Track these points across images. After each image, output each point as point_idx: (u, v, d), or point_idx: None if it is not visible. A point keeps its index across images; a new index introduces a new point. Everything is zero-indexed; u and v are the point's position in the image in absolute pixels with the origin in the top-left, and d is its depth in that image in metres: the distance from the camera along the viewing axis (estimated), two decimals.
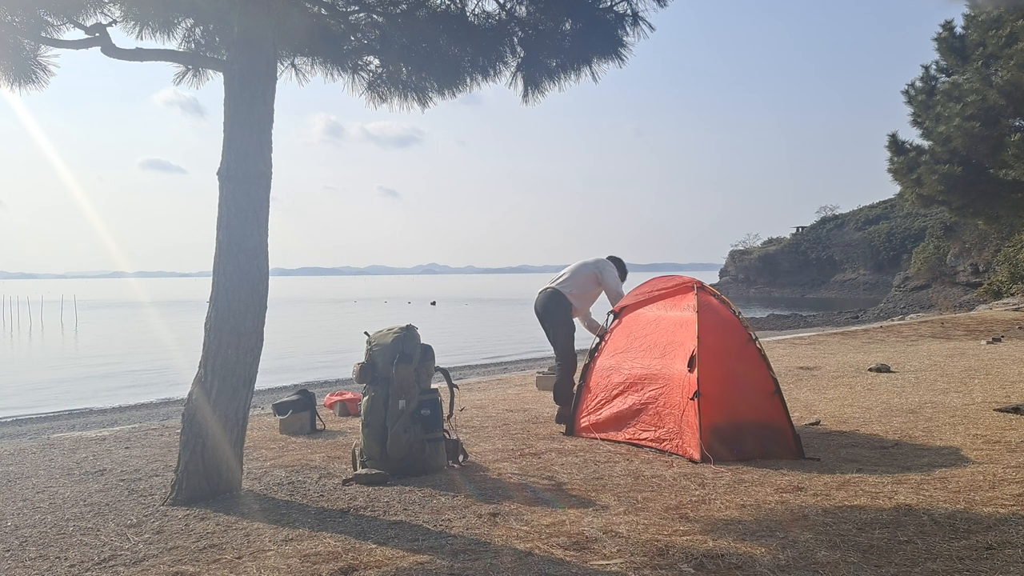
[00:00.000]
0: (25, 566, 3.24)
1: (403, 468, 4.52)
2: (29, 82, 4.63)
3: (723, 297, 5.38)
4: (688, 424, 4.74)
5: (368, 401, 4.67)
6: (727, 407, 4.77)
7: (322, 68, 5.21)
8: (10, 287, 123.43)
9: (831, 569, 2.85)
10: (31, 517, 3.95)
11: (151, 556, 3.28)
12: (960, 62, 15.12)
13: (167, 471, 4.77)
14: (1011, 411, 5.81)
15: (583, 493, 4.02)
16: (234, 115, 4.16)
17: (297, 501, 4.08)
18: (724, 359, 4.91)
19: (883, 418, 5.85)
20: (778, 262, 73.23)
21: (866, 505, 3.64)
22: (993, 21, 13.99)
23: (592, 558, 3.04)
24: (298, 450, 5.42)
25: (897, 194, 20.91)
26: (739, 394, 4.86)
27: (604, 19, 4.77)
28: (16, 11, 4.33)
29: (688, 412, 4.75)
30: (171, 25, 4.83)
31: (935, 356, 9.83)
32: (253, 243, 4.18)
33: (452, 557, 3.10)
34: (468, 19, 4.94)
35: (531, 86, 5.05)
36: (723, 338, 5.00)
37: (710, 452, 4.56)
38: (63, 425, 10.99)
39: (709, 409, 4.67)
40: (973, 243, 38.31)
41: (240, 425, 4.24)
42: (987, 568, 2.82)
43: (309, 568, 3.04)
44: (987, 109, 13.76)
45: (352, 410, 6.89)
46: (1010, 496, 3.70)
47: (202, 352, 4.18)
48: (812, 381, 8.03)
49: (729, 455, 4.59)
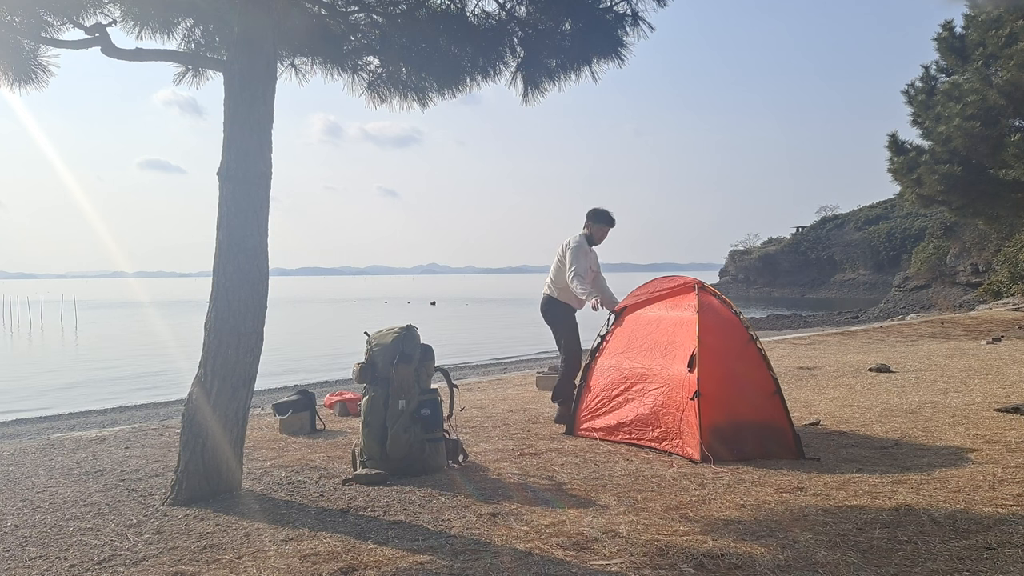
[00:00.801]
0: (25, 566, 3.24)
1: (403, 468, 4.52)
2: (29, 82, 4.63)
3: (724, 297, 5.38)
4: (688, 424, 4.74)
5: (368, 401, 4.67)
6: (727, 407, 4.77)
7: (322, 68, 5.21)
8: (10, 287, 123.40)
9: (831, 569, 2.85)
10: (31, 517, 3.95)
11: (151, 556, 3.28)
12: (960, 62, 15.12)
13: (167, 471, 4.77)
14: (1011, 411, 5.81)
15: (583, 493, 4.02)
16: (234, 115, 4.16)
17: (297, 501, 4.08)
18: (724, 359, 4.91)
19: (883, 418, 5.85)
20: (778, 262, 73.24)
21: (866, 505, 3.64)
22: (993, 21, 13.99)
23: (592, 558, 3.04)
24: (298, 450, 5.42)
25: (897, 194, 20.91)
26: (739, 394, 4.86)
27: (604, 19, 4.77)
28: (16, 11, 4.33)
29: (688, 412, 4.75)
30: (171, 25, 4.83)
31: (935, 356, 9.83)
32: (253, 243, 4.18)
33: (452, 557, 3.10)
34: (468, 19, 4.94)
35: (531, 86, 5.05)
36: (723, 338, 5.00)
37: (710, 452, 4.56)
38: (63, 425, 10.99)
39: (709, 409, 4.67)
40: (973, 243, 38.31)
41: (240, 425, 4.24)
42: (987, 568, 2.82)
43: (309, 568, 3.04)
44: (987, 109, 13.76)
45: (352, 410, 6.89)
46: (1010, 496, 3.70)
47: (202, 352, 4.18)
48: (812, 381, 8.03)
49: (729, 455, 4.59)
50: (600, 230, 6.24)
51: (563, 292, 6.07)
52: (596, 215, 6.20)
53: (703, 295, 5.27)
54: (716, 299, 5.31)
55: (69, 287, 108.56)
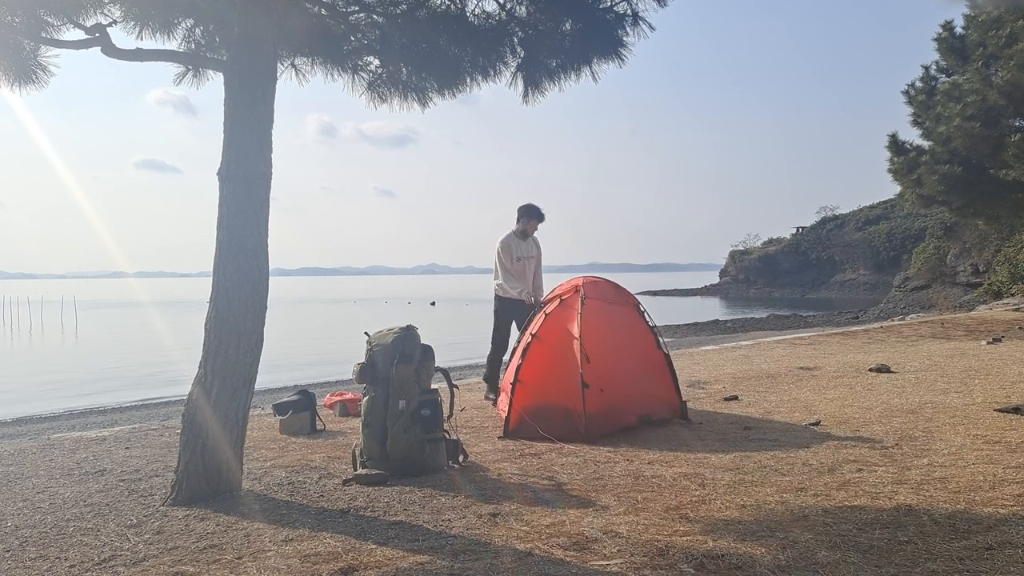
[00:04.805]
0: (25, 566, 3.24)
1: (403, 468, 4.52)
2: (29, 82, 4.63)
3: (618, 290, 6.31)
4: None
5: (368, 401, 4.67)
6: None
7: (322, 68, 5.21)
8: (10, 287, 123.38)
9: (831, 569, 2.85)
10: (31, 517, 3.95)
11: (151, 556, 3.28)
12: (960, 62, 15.12)
13: (167, 471, 4.77)
14: (1011, 411, 5.80)
15: (583, 493, 4.02)
16: (234, 115, 4.16)
17: (297, 501, 4.08)
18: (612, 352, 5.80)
19: (883, 418, 5.85)
20: (778, 262, 73.27)
21: (866, 505, 3.64)
22: (993, 21, 14.00)
23: (592, 558, 3.04)
24: (298, 450, 5.42)
25: (897, 194, 20.92)
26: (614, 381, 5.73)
27: (604, 19, 4.77)
28: (16, 11, 4.33)
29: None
30: (171, 25, 4.83)
31: (935, 356, 9.83)
32: (253, 243, 4.18)
33: (452, 557, 3.10)
34: (468, 19, 4.94)
35: (531, 86, 5.05)
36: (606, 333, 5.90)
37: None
38: (63, 425, 10.99)
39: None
40: (973, 243, 38.30)
41: (240, 425, 4.24)
42: (987, 568, 2.82)
43: (309, 568, 3.04)
44: (987, 109, 13.77)
45: (352, 410, 6.88)
46: (1010, 496, 3.69)
47: (202, 352, 4.18)
48: (812, 381, 8.03)
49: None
50: (531, 224, 7.23)
51: (504, 289, 7.21)
52: (526, 210, 7.22)
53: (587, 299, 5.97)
54: (599, 301, 6.01)
55: (69, 287, 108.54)
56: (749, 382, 8.10)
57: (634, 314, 6.22)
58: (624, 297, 6.31)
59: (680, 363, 8.88)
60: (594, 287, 6.19)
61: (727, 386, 7.83)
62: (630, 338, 6.06)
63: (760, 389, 7.59)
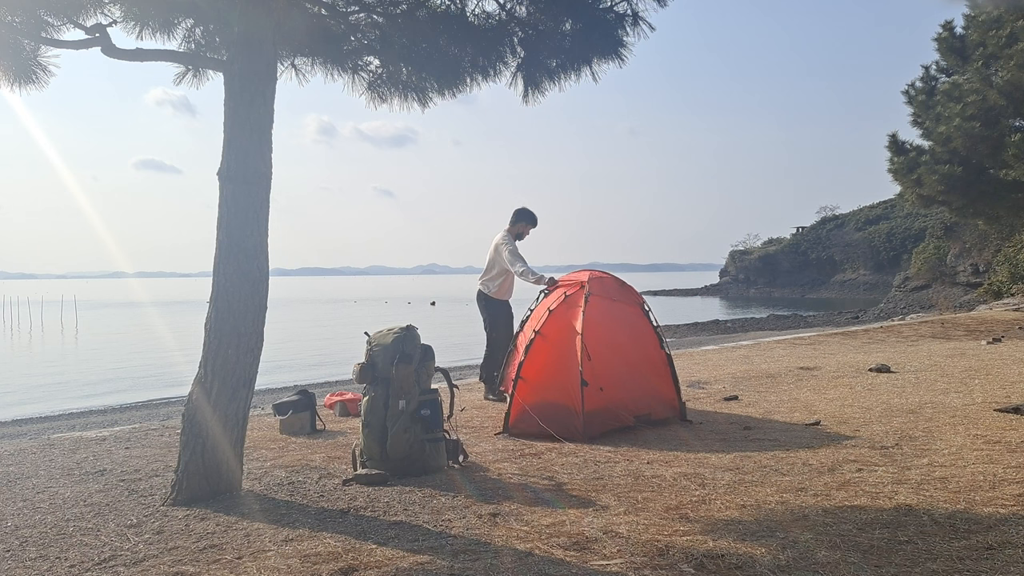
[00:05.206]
0: (25, 566, 3.24)
1: (403, 468, 4.52)
2: (29, 82, 4.63)
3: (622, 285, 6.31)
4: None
5: (368, 401, 4.67)
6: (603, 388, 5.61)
7: (322, 68, 5.21)
8: (10, 287, 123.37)
9: (831, 569, 2.85)
10: (31, 517, 3.95)
11: (151, 556, 3.28)
12: (960, 62, 15.13)
13: (167, 471, 4.77)
14: (1011, 411, 5.81)
15: (583, 493, 4.02)
16: (234, 115, 4.16)
17: (297, 501, 4.08)
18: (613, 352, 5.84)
19: (883, 418, 5.85)
20: (778, 262, 73.28)
21: (866, 505, 3.64)
22: (993, 21, 14.00)
23: (592, 558, 3.04)
24: (298, 450, 5.42)
25: (897, 194, 20.92)
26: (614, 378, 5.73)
27: (604, 19, 4.77)
28: (16, 11, 4.32)
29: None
30: (171, 25, 4.83)
31: (935, 356, 9.83)
32: (253, 243, 4.18)
33: (452, 557, 3.11)
34: (468, 19, 4.93)
35: (531, 86, 5.05)
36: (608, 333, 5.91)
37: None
38: (63, 425, 10.99)
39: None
40: (973, 243, 38.28)
41: (240, 425, 4.24)
42: (987, 568, 2.82)
43: (309, 568, 3.04)
44: (987, 109, 13.77)
45: (352, 410, 6.89)
46: (1010, 496, 3.70)
47: (202, 352, 4.18)
48: (812, 381, 8.03)
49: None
50: (524, 228, 7.22)
51: (502, 288, 7.15)
52: (521, 215, 7.19)
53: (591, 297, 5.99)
54: (601, 298, 6.02)
55: (69, 287, 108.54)
56: (749, 382, 8.10)
57: (638, 313, 6.23)
58: (629, 295, 6.33)
59: (680, 363, 8.89)
60: (600, 283, 6.19)
61: (727, 386, 7.83)
62: (633, 337, 6.07)
63: (760, 389, 7.59)
